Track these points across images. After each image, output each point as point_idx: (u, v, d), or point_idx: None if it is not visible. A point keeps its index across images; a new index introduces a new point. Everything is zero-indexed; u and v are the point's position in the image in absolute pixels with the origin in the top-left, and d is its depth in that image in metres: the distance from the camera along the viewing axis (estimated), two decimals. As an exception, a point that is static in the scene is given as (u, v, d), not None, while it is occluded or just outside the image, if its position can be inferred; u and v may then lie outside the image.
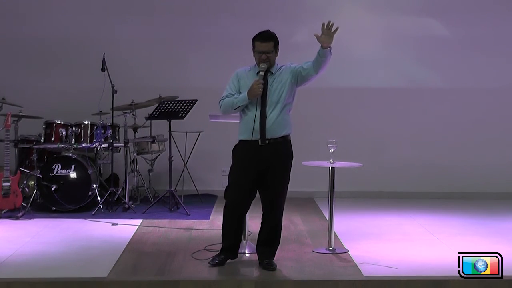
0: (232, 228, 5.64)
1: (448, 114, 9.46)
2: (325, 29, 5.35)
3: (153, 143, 8.46)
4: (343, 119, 9.38)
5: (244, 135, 5.53)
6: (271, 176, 5.52)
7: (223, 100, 5.56)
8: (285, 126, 5.53)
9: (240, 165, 5.55)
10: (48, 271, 5.50)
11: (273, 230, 5.66)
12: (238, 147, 5.60)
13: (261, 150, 5.47)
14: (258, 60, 5.50)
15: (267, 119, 5.45)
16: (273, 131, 5.46)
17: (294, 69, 5.54)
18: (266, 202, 5.63)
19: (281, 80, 5.51)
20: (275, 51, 5.54)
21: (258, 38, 5.51)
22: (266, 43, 5.49)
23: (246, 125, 5.50)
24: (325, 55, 5.39)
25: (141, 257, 5.99)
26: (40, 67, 9.27)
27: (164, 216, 7.76)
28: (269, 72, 5.52)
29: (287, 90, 5.50)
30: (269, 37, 5.52)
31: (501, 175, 9.37)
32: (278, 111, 5.47)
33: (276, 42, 5.55)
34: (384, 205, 8.70)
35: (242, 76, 5.58)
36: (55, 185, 7.89)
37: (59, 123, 8.22)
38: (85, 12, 9.31)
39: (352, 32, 9.37)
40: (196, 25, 9.36)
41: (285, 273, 5.50)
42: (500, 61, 9.44)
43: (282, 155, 5.54)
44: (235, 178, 5.56)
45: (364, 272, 5.52)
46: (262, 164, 5.48)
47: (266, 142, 5.45)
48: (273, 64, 5.55)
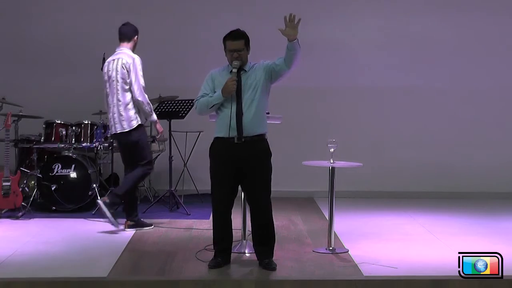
0: (223, 229, 5.65)
1: (448, 114, 9.46)
2: (288, 21, 5.44)
3: (153, 143, 8.46)
4: (343, 119, 9.38)
5: (220, 133, 5.55)
6: (250, 174, 5.53)
7: (198, 100, 5.63)
8: (261, 125, 5.56)
9: (218, 164, 5.58)
10: (48, 271, 5.51)
11: (264, 228, 5.64)
12: (214, 145, 5.63)
13: (237, 147, 5.48)
14: (231, 58, 5.55)
15: (243, 116, 5.47)
16: (250, 128, 5.48)
17: (267, 66, 5.58)
18: (250, 201, 5.66)
19: (255, 77, 5.55)
20: (246, 49, 5.60)
21: (228, 37, 5.58)
22: (237, 41, 5.54)
23: (222, 123, 5.52)
24: (293, 48, 5.45)
25: (141, 257, 5.99)
26: (40, 67, 9.28)
27: (164, 216, 7.77)
28: (243, 70, 5.57)
29: (261, 87, 5.54)
30: (239, 35, 5.58)
31: (501, 175, 9.37)
32: (254, 109, 5.50)
33: (247, 40, 5.61)
34: (384, 205, 8.70)
35: (216, 76, 5.63)
36: (55, 185, 7.90)
37: (59, 123, 8.22)
38: (85, 12, 9.31)
39: (352, 32, 9.40)
40: (196, 24, 9.36)
41: (285, 273, 5.50)
42: (500, 61, 9.45)
43: (258, 152, 5.55)
44: (216, 177, 5.60)
45: (364, 272, 5.52)
46: (239, 162, 5.50)
47: (242, 140, 5.47)
48: (245, 61, 5.60)
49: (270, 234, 5.68)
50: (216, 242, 5.70)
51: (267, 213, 5.64)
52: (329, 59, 9.36)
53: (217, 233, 5.69)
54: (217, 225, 5.68)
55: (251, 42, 5.65)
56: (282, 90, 9.06)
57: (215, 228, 5.69)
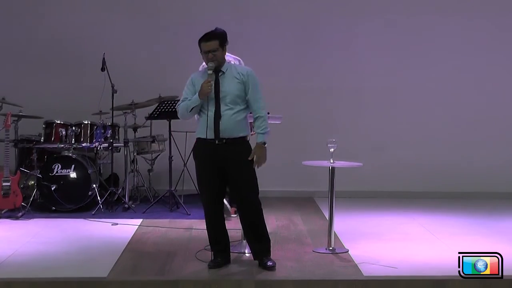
0: (216, 229, 5.65)
1: (448, 114, 9.45)
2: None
3: (153, 143, 8.46)
4: (343, 119, 9.37)
5: (200, 134, 5.55)
6: (233, 173, 5.51)
7: (179, 105, 5.63)
8: (242, 128, 5.53)
9: (202, 164, 5.58)
10: (48, 271, 5.51)
11: (253, 226, 5.62)
12: (196, 146, 5.64)
13: (218, 148, 5.48)
14: (206, 60, 5.54)
15: (221, 118, 5.46)
16: (228, 130, 5.46)
17: (246, 84, 5.52)
18: (236, 200, 5.68)
19: (233, 81, 5.52)
20: (221, 49, 5.56)
21: (202, 39, 5.55)
22: (210, 42, 5.51)
23: (202, 124, 5.52)
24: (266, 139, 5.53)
25: (141, 257, 5.99)
26: (40, 67, 9.27)
27: (164, 216, 7.76)
28: (220, 72, 5.55)
29: (239, 91, 5.51)
30: (212, 36, 5.55)
31: (501, 175, 9.36)
32: (232, 111, 5.48)
33: (222, 40, 5.57)
34: (384, 205, 8.69)
35: (196, 79, 5.61)
36: (55, 185, 7.89)
37: (59, 123, 8.22)
38: (85, 12, 9.30)
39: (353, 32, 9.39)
40: (196, 24, 9.35)
41: (285, 273, 5.50)
42: (500, 61, 9.44)
43: (239, 151, 5.51)
44: (201, 177, 5.60)
45: (364, 272, 5.52)
46: (221, 162, 5.49)
47: (223, 141, 5.46)
48: (222, 62, 5.58)
49: (262, 231, 5.64)
50: (213, 243, 5.71)
51: (255, 210, 5.60)
52: (329, 59, 9.34)
53: (211, 235, 5.70)
54: (209, 227, 5.69)
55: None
56: (282, 90, 9.15)
57: (208, 230, 5.71)
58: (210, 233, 5.71)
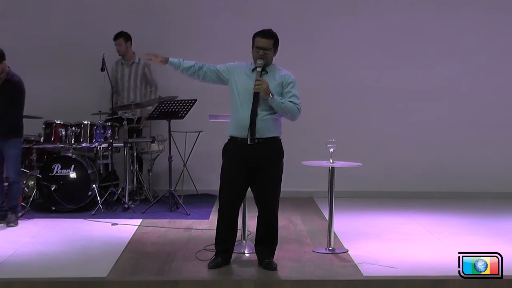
0: (227, 230, 5.63)
1: (448, 114, 9.46)
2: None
3: (153, 143, 8.45)
4: (343, 119, 9.37)
5: (233, 132, 5.54)
6: (262, 174, 5.51)
7: (197, 63, 5.64)
8: (275, 129, 5.54)
9: (230, 163, 5.56)
10: (48, 271, 5.51)
11: (269, 229, 5.65)
12: (228, 144, 5.61)
13: (251, 148, 5.46)
14: (256, 55, 5.51)
15: (257, 117, 5.44)
16: (263, 130, 5.46)
17: (284, 85, 5.53)
18: (259, 201, 5.64)
19: (274, 82, 5.50)
20: (273, 50, 5.55)
21: (259, 34, 5.54)
22: (266, 39, 5.50)
23: (237, 122, 5.50)
24: (275, 107, 5.43)
25: (141, 257, 5.99)
26: (40, 67, 9.26)
27: (163, 216, 7.76)
28: (264, 71, 5.53)
29: (276, 93, 5.48)
30: (270, 35, 5.55)
31: (501, 175, 9.36)
32: (269, 112, 5.47)
33: (276, 41, 5.56)
34: (384, 205, 8.69)
35: (236, 69, 5.58)
36: (55, 185, 7.89)
37: (58, 123, 8.22)
38: (84, 12, 9.30)
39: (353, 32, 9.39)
40: (196, 24, 9.36)
41: (285, 273, 5.50)
42: (500, 61, 9.44)
43: (272, 152, 5.53)
44: (226, 176, 5.57)
45: (364, 272, 5.52)
46: (252, 162, 5.48)
47: (255, 141, 5.45)
48: (269, 63, 5.56)
49: (274, 235, 5.69)
50: (218, 243, 5.69)
51: (274, 214, 5.65)
52: (329, 59, 9.35)
53: (221, 234, 5.66)
54: (222, 226, 5.64)
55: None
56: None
57: (220, 228, 5.66)
58: (219, 232, 5.67)
